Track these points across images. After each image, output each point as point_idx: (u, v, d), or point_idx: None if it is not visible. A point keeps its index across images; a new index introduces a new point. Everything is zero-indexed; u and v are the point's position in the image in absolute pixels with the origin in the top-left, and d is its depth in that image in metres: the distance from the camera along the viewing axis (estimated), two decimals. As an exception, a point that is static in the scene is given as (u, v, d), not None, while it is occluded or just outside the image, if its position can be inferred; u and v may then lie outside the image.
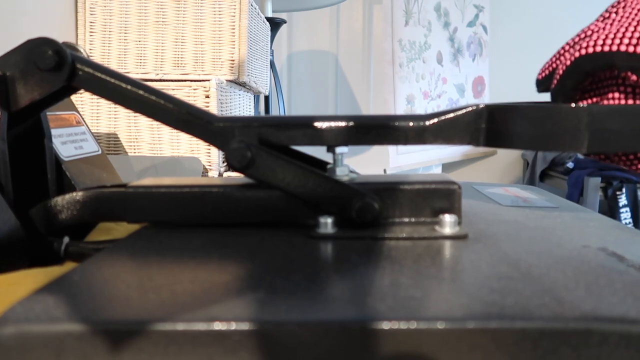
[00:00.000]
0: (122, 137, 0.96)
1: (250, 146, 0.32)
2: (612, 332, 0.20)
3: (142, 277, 0.25)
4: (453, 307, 0.21)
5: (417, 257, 0.27)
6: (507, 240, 0.31)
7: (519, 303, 0.21)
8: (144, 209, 0.34)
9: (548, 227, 0.35)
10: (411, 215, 0.33)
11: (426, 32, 2.15)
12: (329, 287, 0.24)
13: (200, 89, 0.95)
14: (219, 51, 1.00)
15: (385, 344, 0.20)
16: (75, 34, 1.02)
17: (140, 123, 0.95)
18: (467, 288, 0.23)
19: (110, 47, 1.01)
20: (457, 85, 2.30)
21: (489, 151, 2.45)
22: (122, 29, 1.01)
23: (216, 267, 0.27)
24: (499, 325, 0.20)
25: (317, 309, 0.21)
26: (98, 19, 1.01)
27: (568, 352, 0.19)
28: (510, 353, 0.20)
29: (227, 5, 1.00)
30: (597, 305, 0.21)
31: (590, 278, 0.24)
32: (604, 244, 0.30)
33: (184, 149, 0.95)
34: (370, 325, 0.20)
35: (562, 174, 1.98)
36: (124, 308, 0.22)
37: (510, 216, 0.37)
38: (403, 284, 0.23)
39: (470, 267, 0.26)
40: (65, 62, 0.33)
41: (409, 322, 0.20)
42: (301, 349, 0.20)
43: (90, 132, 0.51)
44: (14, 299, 0.22)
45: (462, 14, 2.30)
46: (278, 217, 0.33)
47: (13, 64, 0.33)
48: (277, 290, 0.23)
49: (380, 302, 0.21)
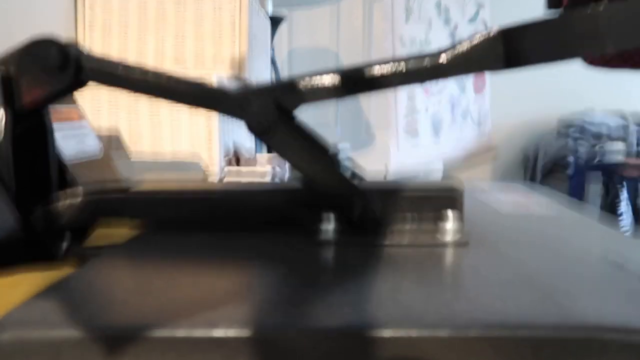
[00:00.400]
0: (124, 133, 0.96)
1: (270, 110, 0.32)
2: (613, 340, 0.20)
3: (140, 281, 0.25)
4: (455, 314, 0.21)
5: (418, 265, 0.27)
6: (508, 247, 0.31)
7: (520, 310, 0.21)
8: (146, 211, 0.34)
9: (548, 235, 0.35)
10: (412, 220, 0.33)
11: (427, 28, 2.14)
12: (328, 294, 0.24)
13: (201, 85, 0.95)
14: (220, 48, 1.00)
15: (385, 351, 0.20)
16: (75, 31, 1.02)
17: (141, 119, 0.96)
18: (468, 295, 0.23)
19: (110, 44, 1.01)
20: (457, 81, 2.30)
21: (491, 146, 2.44)
22: (122, 26, 1.01)
23: (215, 272, 0.27)
24: (501, 333, 0.20)
25: (316, 315, 0.21)
26: (98, 16, 1.01)
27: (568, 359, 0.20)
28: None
29: (228, 1, 1.00)
30: (599, 314, 0.21)
31: (591, 286, 0.25)
32: (604, 252, 0.30)
33: (185, 145, 0.95)
34: (370, 332, 0.20)
35: (563, 170, 1.98)
36: (122, 313, 0.22)
37: (510, 223, 0.38)
38: (403, 291, 0.23)
39: (471, 273, 0.26)
40: (70, 62, 0.33)
41: (409, 329, 0.20)
42: (300, 355, 0.20)
43: (92, 127, 0.51)
44: (12, 301, 0.22)
45: (463, 10, 2.30)
46: (279, 219, 0.33)
47: (17, 63, 0.33)
48: (276, 296, 0.23)
49: (380, 309, 0.21)
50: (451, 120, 2.29)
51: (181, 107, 0.33)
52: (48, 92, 0.34)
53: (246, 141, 1.21)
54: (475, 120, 2.40)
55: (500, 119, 2.46)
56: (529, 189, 0.50)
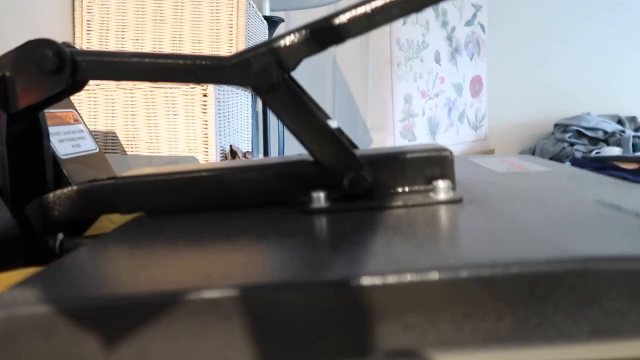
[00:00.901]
0: (120, 135, 0.96)
1: (273, 67, 0.31)
2: (609, 270, 0.19)
3: (134, 259, 0.25)
4: (446, 258, 0.21)
5: (411, 222, 0.27)
6: (503, 202, 0.30)
7: (512, 251, 0.21)
8: (136, 198, 0.34)
9: (544, 188, 0.34)
10: (404, 185, 0.32)
11: (424, 31, 2.15)
12: (321, 252, 0.23)
13: (198, 87, 0.95)
14: (217, 50, 1.00)
15: (379, 300, 0.19)
16: (73, 32, 1.02)
17: (138, 122, 0.95)
18: (461, 243, 0.23)
19: (107, 45, 1.01)
20: (454, 84, 2.30)
21: (488, 149, 2.45)
22: (120, 27, 1.01)
23: (208, 243, 0.27)
24: (493, 272, 0.19)
25: (309, 271, 0.21)
26: (95, 17, 1.01)
27: (565, 293, 0.19)
28: (506, 300, 0.19)
29: (225, 3, 1.00)
30: (594, 246, 0.21)
31: (586, 225, 0.24)
32: (600, 197, 0.30)
33: (182, 147, 0.95)
34: (364, 281, 0.19)
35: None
36: (115, 285, 0.22)
37: (505, 181, 0.37)
38: (396, 244, 0.23)
39: (465, 226, 0.26)
40: (66, 64, 0.33)
41: (402, 274, 0.19)
42: (295, 311, 0.19)
43: (88, 130, 0.51)
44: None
45: (460, 13, 2.31)
46: (271, 197, 0.33)
47: (12, 65, 0.33)
48: (268, 258, 0.23)
49: (373, 260, 0.21)
50: (448, 124, 2.29)
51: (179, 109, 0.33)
52: (44, 94, 0.34)
53: (243, 143, 1.21)
54: (472, 124, 2.40)
55: (496, 123, 2.47)
56: (524, 158, 0.49)
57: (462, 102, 2.34)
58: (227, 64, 0.32)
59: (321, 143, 0.32)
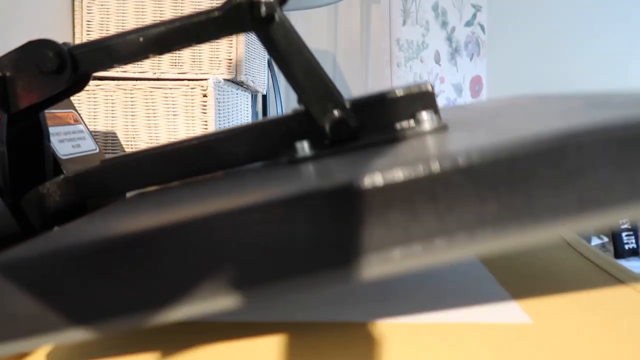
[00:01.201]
0: (120, 135, 0.96)
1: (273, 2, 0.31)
2: (588, 141, 0.19)
3: (130, 217, 0.26)
4: (429, 156, 0.21)
5: (399, 149, 0.27)
6: (490, 122, 0.31)
7: (488, 142, 0.21)
8: (124, 176, 0.34)
9: (532, 106, 0.35)
10: (389, 124, 0.32)
11: (424, 31, 2.15)
12: (311, 179, 0.24)
13: (198, 88, 0.95)
14: (217, 50, 1.00)
15: (370, 202, 0.20)
16: (72, 32, 1.02)
17: (138, 122, 0.96)
18: (446, 147, 0.23)
19: (107, 45, 1.01)
20: (454, 84, 2.30)
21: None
22: (120, 27, 1.01)
23: (202, 191, 0.27)
24: (467, 161, 0.20)
25: (299, 188, 0.21)
26: (95, 17, 1.01)
27: (548, 171, 0.19)
28: (488, 185, 0.20)
29: (225, 4, 1.00)
30: (573, 124, 0.21)
31: (571, 115, 0.25)
32: (587, 99, 0.30)
33: (182, 147, 0.95)
34: (356, 185, 0.20)
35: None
36: (117, 227, 0.22)
37: (491, 109, 0.38)
38: (386, 160, 0.24)
39: (450, 143, 0.26)
40: (66, 64, 0.33)
41: (385, 173, 0.20)
42: (282, 224, 0.20)
43: (88, 130, 0.51)
44: None
45: (460, 13, 2.31)
46: (259, 156, 0.33)
47: (13, 65, 0.33)
48: (252, 190, 0.23)
49: (362, 169, 0.22)
50: (448, 123, 2.29)
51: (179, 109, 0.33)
52: (45, 94, 0.34)
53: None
54: (471, 124, 2.40)
55: (496, 122, 2.46)
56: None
57: (462, 102, 2.34)
58: (224, 11, 0.32)
59: (310, 78, 0.32)
